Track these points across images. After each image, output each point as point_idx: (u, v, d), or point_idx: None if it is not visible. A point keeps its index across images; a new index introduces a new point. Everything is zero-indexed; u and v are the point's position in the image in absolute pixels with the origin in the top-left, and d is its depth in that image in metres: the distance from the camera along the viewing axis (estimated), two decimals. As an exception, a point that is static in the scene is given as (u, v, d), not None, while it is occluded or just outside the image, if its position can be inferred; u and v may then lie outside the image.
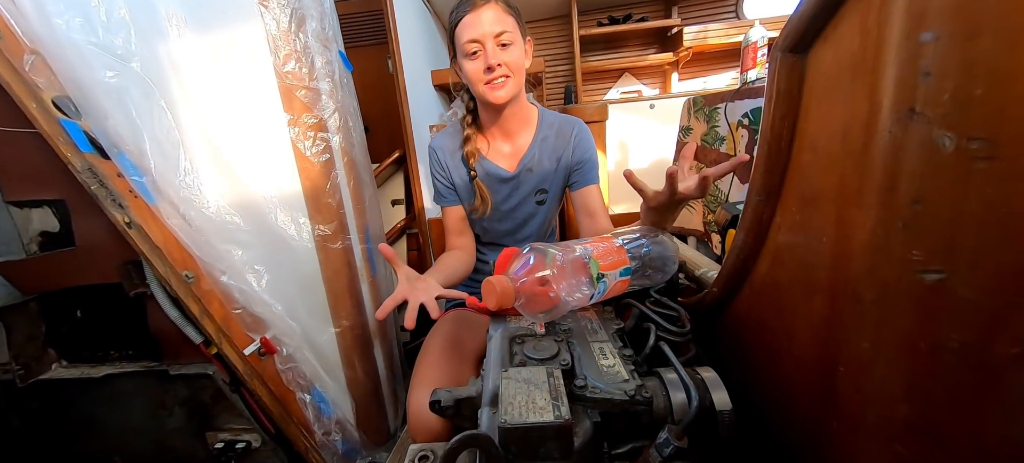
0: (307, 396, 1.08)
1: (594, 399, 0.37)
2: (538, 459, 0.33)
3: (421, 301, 0.58)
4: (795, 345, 0.42)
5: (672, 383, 0.39)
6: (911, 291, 0.29)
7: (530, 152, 0.91)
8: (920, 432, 0.31)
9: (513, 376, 0.38)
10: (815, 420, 0.39)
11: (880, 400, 0.32)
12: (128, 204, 0.94)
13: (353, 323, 1.09)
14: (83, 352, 1.26)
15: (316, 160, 0.98)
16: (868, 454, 0.34)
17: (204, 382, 1.23)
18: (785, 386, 0.44)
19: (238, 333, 1.03)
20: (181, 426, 1.29)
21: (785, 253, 0.43)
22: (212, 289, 1.01)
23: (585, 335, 0.47)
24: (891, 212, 0.29)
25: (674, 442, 0.34)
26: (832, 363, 0.36)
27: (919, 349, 0.30)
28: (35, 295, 1.21)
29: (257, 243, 1.00)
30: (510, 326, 0.50)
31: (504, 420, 0.32)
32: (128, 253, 1.07)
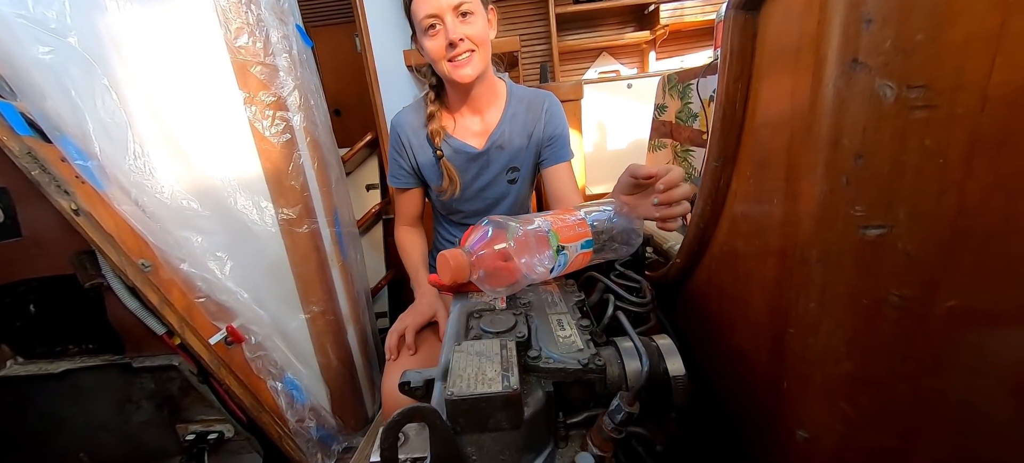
0: (279, 384, 1.06)
1: (547, 369, 0.36)
2: (487, 430, 0.32)
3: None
4: (750, 310, 0.42)
5: (627, 351, 0.39)
6: (854, 248, 0.29)
7: (499, 128, 0.88)
8: (863, 388, 0.31)
9: (465, 349, 0.37)
10: (768, 383, 0.40)
11: (826, 359, 0.33)
12: (74, 190, 0.89)
13: (324, 309, 1.06)
14: (39, 348, 1.20)
15: (276, 140, 0.94)
16: (816, 412, 0.34)
17: (171, 374, 1.19)
18: (742, 352, 0.45)
19: (202, 322, 1.00)
20: (149, 419, 1.25)
21: (741, 219, 0.43)
22: (172, 278, 0.97)
23: (545, 308, 0.46)
24: (835, 169, 0.29)
25: (625, 408, 0.33)
26: (783, 326, 0.37)
27: (861, 306, 0.30)
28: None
29: (217, 229, 0.96)
30: (470, 301, 0.48)
31: (451, 392, 0.32)
32: (80, 242, 1.01)
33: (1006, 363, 0.28)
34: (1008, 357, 0.28)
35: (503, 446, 0.32)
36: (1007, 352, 0.27)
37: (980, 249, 0.26)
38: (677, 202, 0.54)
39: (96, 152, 0.86)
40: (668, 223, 0.56)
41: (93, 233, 0.91)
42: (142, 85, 0.87)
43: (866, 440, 0.32)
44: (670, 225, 0.56)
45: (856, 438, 0.32)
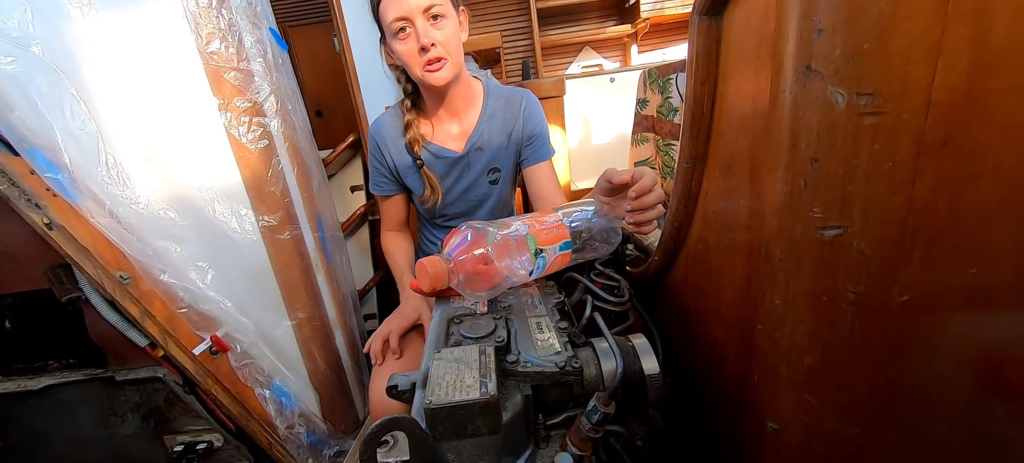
0: (267, 391, 1.05)
1: (525, 373, 0.37)
2: (467, 436, 0.33)
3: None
4: (723, 306, 0.44)
5: (604, 352, 0.40)
6: (813, 247, 0.30)
7: (478, 130, 0.88)
8: (824, 381, 0.33)
9: (445, 356, 0.37)
10: (740, 376, 0.41)
11: (790, 353, 0.34)
12: (46, 203, 0.87)
13: (310, 314, 1.06)
14: (17, 365, 1.17)
15: (253, 147, 0.92)
16: (783, 404, 0.36)
17: (156, 386, 1.17)
18: (716, 346, 0.46)
19: (185, 333, 0.98)
20: (136, 432, 1.24)
21: (712, 217, 0.44)
22: (152, 289, 0.95)
23: (524, 311, 0.47)
24: (794, 172, 0.30)
25: (601, 408, 0.34)
26: (752, 321, 0.38)
27: (821, 302, 0.31)
28: (-50, 308, 1.10)
29: (197, 238, 0.94)
30: (450, 306, 0.49)
31: (429, 401, 0.32)
32: (54, 256, 0.99)
33: (957, 354, 0.29)
34: (959, 348, 0.29)
35: (482, 451, 0.33)
36: (957, 343, 0.29)
37: (929, 245, 0.28)
38: (650, 207, 0.55)
39: (66, 163, 0.84)
40: (642, 227, 0.57)
41: (68, 247, 0.89)
42: (112, 94, 0.85)
43: (829, 430, 0.34)
44: (644, 229, 0.57)
45: (820, 428, 0.34)
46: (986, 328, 0.28)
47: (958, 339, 0.30)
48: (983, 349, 0.29)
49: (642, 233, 0.58)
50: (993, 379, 0.30)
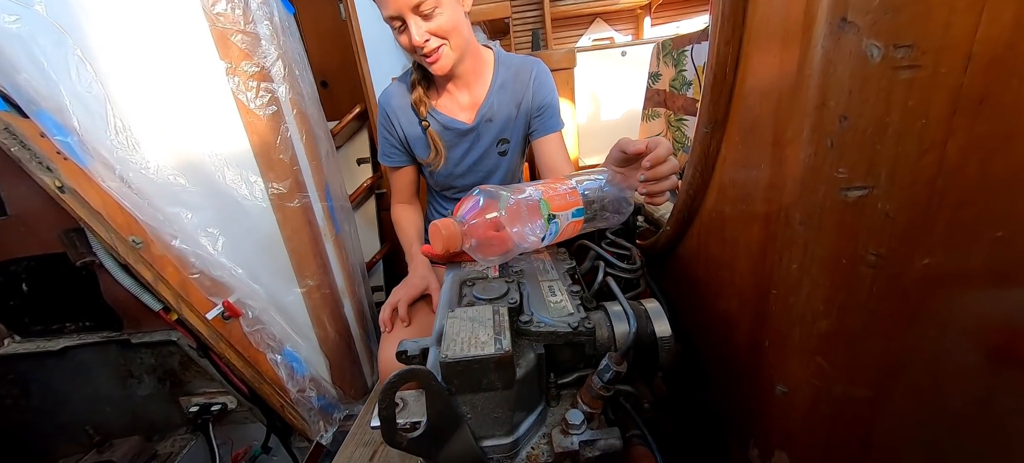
0: (278, 356, 1.08)
1: (539, 332, 0.37)
2: (481, 390, 0.33)
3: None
4: (736, 274, 0.43)
5: (616, 315, 0.40)
6: (836, 209, 0.30)
7: (488, 101, 0.87)
8: (838, 345, 0.33)
9: (459, 315, 0.38)
10: (751, 343, 0.41)
11: (805, 318, 0.34)
12: (57, 166, 0.87)
13: (319, 282, 1.07)
14: (35, 326, 1.21)
15: (262, 113, 0.91)
16: (794, 368, 0.36)
17: (170, 349, 1.20)
18: (727, 315, 0.46)
19: (198, 298, 1.00)
20: (152, 393, 1.28)
21: (729, 186, 0.43)
22: (164, 254, 0.97)
23: (536, 276, 0.47)
24: (820, 131, 0.29)
25: (614, 367, 0.35)
26: (766, 288, 0.38)
27: (840, 266, 0.31)
28: (-31, 270, 1.13)
29: (207, 205, 0.95)
30: (463, 270, 0.49)
31: (445, 355, 0.33)
32: (68, 221, 1.00)
33: (974, 322, 0.29)
34: (976, 315, 0.29)
35: (496, 405, 0.33)
36: (975, 310, 0.29)
37: (955, 209, 0.27)
38: (664, 177, 0.54)
39: (75, 126, 0.84)
40: (655, 199, 0.56)
41: (80, 210, 0.90)
42: (118, 56, 0.84)
43: (839, 393, 0.34)
44: (657, 200, 0.56)
45: (830, 391, 0.34)
46: (1005, 298, 0.28)
47: (976, 306, 0.30)
48: (1001, 319, 0.29)
49: (655, 203, 0.57)
50: (1008, 350, 0.30)
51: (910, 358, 0.31)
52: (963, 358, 0.32)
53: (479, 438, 0.33)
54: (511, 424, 0.34)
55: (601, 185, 0.58)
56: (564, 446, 0.34)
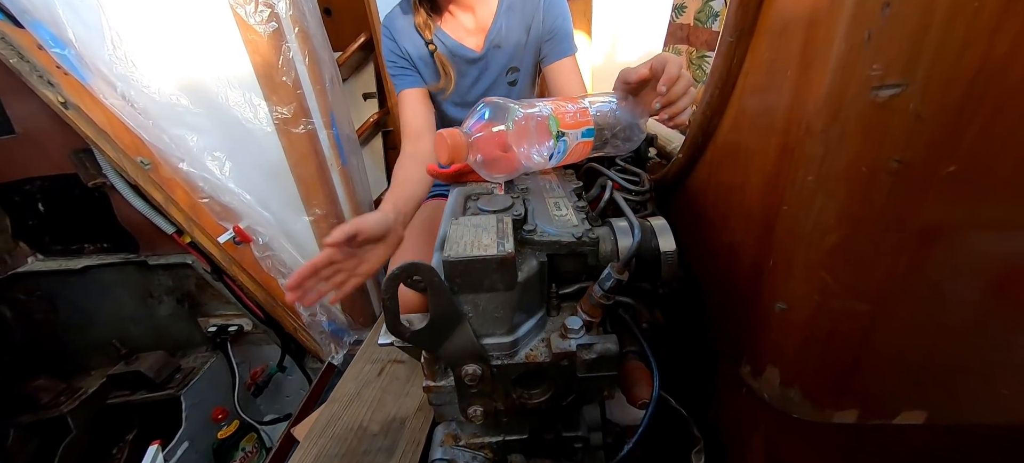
0: (289, 282, 1.11)
1: (542, 242, 0.37)
2: (483, 290, 0.34)
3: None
4: (747, 196, 0.42)
5: (621, 230, 0.40)
6: (864, 111, 0.28)
7: (496, 25, 0.82)
8: (845, 259, 0.32)
9: (462, 222, 0.38)
10: (755, 263, 0.41)
11: (814, 233, 0.33)
12: (58, 81, 0.86)
13: (327, 212, 1.08)
14: (56, 246, 1.25)
15: (262, 30, 0.88)
16: (797, 284, 0.36)
17: (186, 272, 1.25)
18: (732, 240, 0.46)
19: (209, 222, 1.02)
20: (173, 313, 1.35)
21: (750, 100, 0.41)
22: (173, 177, 0.97)
23: (542, 193, 0.47)
24: (859, 23, 0.27)
25: (615, 275, 0.35)
26: (776, 207, 0.37)
27: (859, 175, 0.30)
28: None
29: (211, 128, 0.94)
30: (469, 186, 0.49)
31: (448, 255, 0.33)
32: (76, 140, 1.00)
33: (985, 244, 0.29)
34: (988, 237, 0.28)
35: (497, 305, 0.34)
36: (988, 232, 0.28)
37: (991, 115, 0.25)
38: (682, 95, 0.51)
39: (71, 39, 0.82)
40: (679, 119, 0.53)
41: (86, 128, 0.89)
42: (109, -40, 0.79)
43: (840, 308, 0.34)
44: (681, 120, 0.54)
45: (830, 307, 0.34)
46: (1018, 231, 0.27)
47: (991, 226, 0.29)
48: (1008, 253, 0.28)
49: (680, 124, 0.55)
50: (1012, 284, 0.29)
51: (916, 275, 0.31)
52: (969, 279, 0.31)
53: (480, 335, 0.35)
54: (511, 324, 0.35)
55: (612, 109, 0.55)
56: (562, 348, 0.35)
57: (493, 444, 0.43)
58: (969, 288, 0.32)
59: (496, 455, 0.43)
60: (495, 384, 0.36)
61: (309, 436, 0.72)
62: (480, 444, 0.43)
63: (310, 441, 0.71)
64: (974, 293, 0.32)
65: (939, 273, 0.31)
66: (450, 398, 0.39)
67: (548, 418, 0.42)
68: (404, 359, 0.84)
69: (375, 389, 0.79)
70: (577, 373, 0.36)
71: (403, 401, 0.76)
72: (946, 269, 0.31)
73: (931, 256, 0.30)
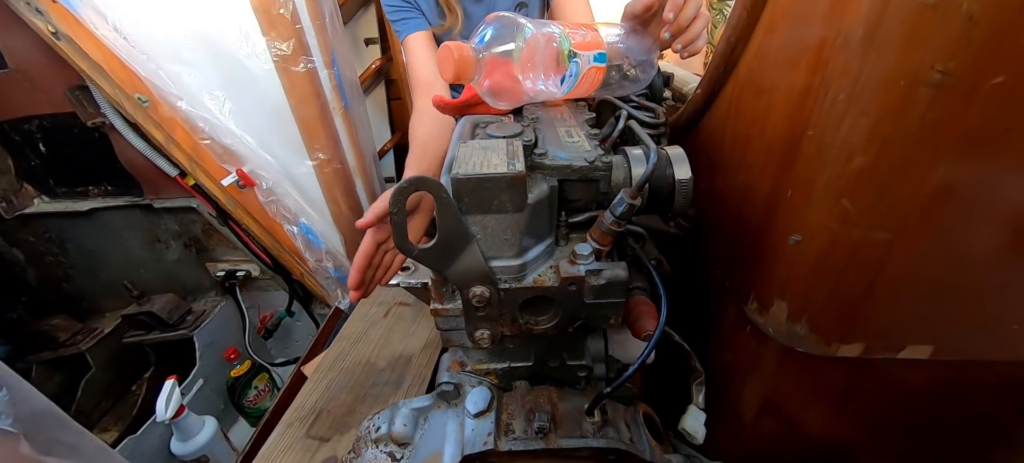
0: (295, 228, 1.12)
1: (553, 166, 0.36)
2: (491, 212, 0.33)
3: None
4: (767, 127, 0.40)
5: (635, 158, 0.38)
6: (910, 14, 0.26)
7: None
8: (869, 183, 0.31)
9: (471, 145, 0.36)
10: (770, 198, 0.40)
11: (839, 156, 0.32)
12: (47, 9, 0.82)
13: (330, 156, 1.06)
14: (60, 188, 1.25)
15: (256, -47, 0.82)
16: (814, 213, 0.35)
17: (191, 216, 1.25)
18: (748, 175, 0.44)
19: (211, 164, 1.01)
20: (181, 258, 1.37)
21: (780, 19, 0.38)
22: (172, 116, 0.95)
23: (554, 122, 0.45)
24: (914, -92, 0.24)
25: (627, 200, 0.34)
26: (801, 131, 0.35)
27: (895, 89, 0.28)
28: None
29: (209, 65, 0.91)
30: (476, 116, 0.47)
31: (456, 173, 0.32)
32: (72, 76, 0.98)
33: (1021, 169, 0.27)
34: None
35: (506, 227, 0.33)
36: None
37: (1054, 15, 0.23)
38: (693, 18, 0.48)
39: (57, -39, 0.77)
40: (692, 46, 0.50)
41: (80, 62, 0.87)
42: None
43: (856, 237, 0.33)
44: (695, 48, 0.51)
45: (847, 235, 0.33)
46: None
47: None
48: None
49: (694, 52, 0.52)
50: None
51: (943, 199, 0.30)
52: (999, 204, 0.30)
53: (488, 258, 0.34)
54: (520, 248, 0.34)
55: (620, 38, 0.52)
56: (570, 273, 0.35)
57: (498, 370, 0.44)
58: (997, 215, 0.30)
59: (501, 381, 0.44)
60: (502, 308, 0.36)
61: (318, 370, 0.74)
62: (486, 370, 0.44)
63: (319, 375, 0.73)
64: (1001, 220, 0.31)
65: (969, 197, 0.29)
66: (457, 323, 0.39)
67: (554, 346, 0.42)
68: (410, 302, 0.86)
69: (381, 329, 0.80)
70: (584, 299, 0.36)
71: (409, 340, 0.77)
72: (977, 193, 0.29)
73: (962, 179, 0.29)
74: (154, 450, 1.14)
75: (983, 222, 0.31)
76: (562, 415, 0.39)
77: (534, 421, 0.37)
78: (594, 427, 0.37)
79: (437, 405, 0.44)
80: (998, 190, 0.29)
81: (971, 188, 0.29)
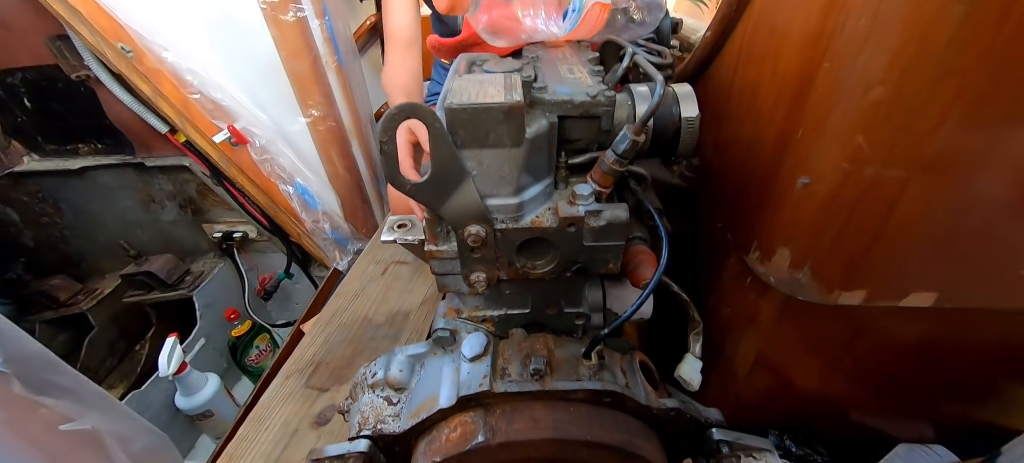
0: (290, 188, 1.10)
1: (553, 101, 0.34)
2: (488, 146, 0.32)
3: None
4: (781, 64, 0.38)
5: (640, 95, 0.36)
6: (945, -79, 0.23)
7: None
8: (887, 116, 0.29)
9: (467, 78, 0.34)
10: (779, 140, 0.38)
11: (857, 87, 0.30)
12: (16, -54, 0.77)
13: (324, 114, 1.03)
14: (50, 146, 1.22)
15: None
16: (827, 153, 0.33)
17: (185, 176, 1.23)
18: (758, 120, 0.42)
19: (202, 120, 0.98)
20: (177, 219, 1.35)
21: (799, -55, 0.35)
22: (159, 68, 0.92)
23: (556, 61, 0.42)
24: None
25: (631, 136, 0.32)
26: (816, 66, 0.33)
27: (922, 13, 0.26)
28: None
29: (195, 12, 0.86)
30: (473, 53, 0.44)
31: (450, 103, 0.30)
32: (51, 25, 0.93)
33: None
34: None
35: (503, 162, 0.32)
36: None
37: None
38: None
39: None
40: None
41: (57, 6, 0.82)
42: None
43: (869, 175, 0.32)
44: None
45: (859, 174, 0.32)
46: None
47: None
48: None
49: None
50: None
51: (964, 133, 0.28)
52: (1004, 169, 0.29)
53: (484, 196, 0.33)
54: (517, 185, 0.33)
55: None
56: (569, 213, 0.34)
57: (495, 318, 0.43)
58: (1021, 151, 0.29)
59: (497, 328, 0.44)
60: (499, 250, 0.35)
61: (316, 325, 0.74)
62: (482, 317, 0.43)
63: (317, 329, 0.73)
64: (1005, 186, 0.29)
65: (992, 131, 0.28)
66: (453, 266, 0.38)
67: (551, 292, 0.42)
68: (407, 260, 0.85)
69: (379, 286, 0.80)
70: (583, 241, 0.35)
71: (406, 297, 0.77)
72: (1001, 127, 0.28)
73: (987, 111, 0.27)
74: (159, 405, 1.17)
75: (1004, 160, 0.29)
76: (558, 360, 0.38)
77: (530, 364, 0.37)
78: (590, 370, 0.37)
79: (433, 351, 0.43)
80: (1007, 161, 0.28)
81: (996, 121, 0.28)
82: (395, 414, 0.41)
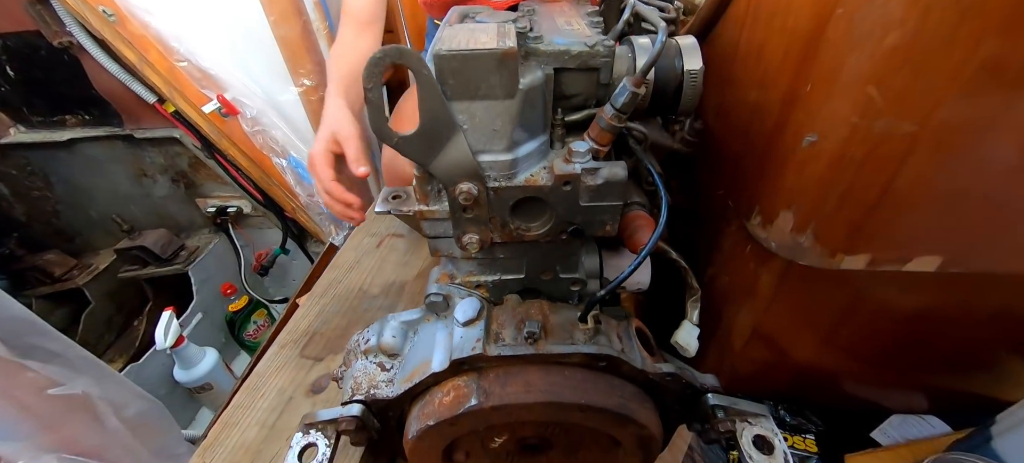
0: (284, 161, 1.08)
1: (549, 52, 0.33)
2: (479, 97, 0.30)
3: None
4: (790, 18, 0.36)
5: (641, 47, 0.34)
6: None
7: None
8: (901, 63, 0.28)
9: (458, 27, 0.33)
10: (787, 96, 0.37)
11: (873, 33, 0.28)
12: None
13: (317, 83, 1.00)
14: (36, 117, 1.19)
15: None
16: (836, 106, 0.32)
17: (176, 149, 1.21)
18: (764, 76, 0.40)
19: (190, 89, 0.95)
20: (169, 194, 1.33)
21: None
22: (143, 34, 0.88)
23: (554, 15, 0.40)
24: None
25: (630, 88, 0.30)
26: (828, 13, 0.31)
27: (949, -58, 0.24)
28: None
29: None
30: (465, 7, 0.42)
31: (439, 49, 0.28)
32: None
33: None
34: None
35: (496, 115, 0.30)
36: None
37: None
38: None
39: None
40: None
41: (33, -35, 0.78)
42: None
43: (879, 129, 0.30)
44: None
45: (869, 129, 0.31)
46: None
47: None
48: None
49: None
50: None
51: (985, 81, 0.27)
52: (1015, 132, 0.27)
53: (476, 151, 0.31)
54: (511, 141, 0.32)
55: None
56: (565, 171, 0.32)
57: (489, 283, 0.42)
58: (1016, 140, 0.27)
59: (492, 294, 0.43)
60: (492, 210, 0.34)
61: (311, 297, 0.74)
62: (476, 283, 0.42)
63: (312, 301, 0.73)
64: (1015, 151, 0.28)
65: (1012, 81, 0.26)
66: (444, 228, 0.37)
67: (546, 257, 0.41)
68: (403, 232, 0.84)
69: (374, 258, 0.79)
70: (580, 201, 0.34)
71: (402, 269, 0.76)
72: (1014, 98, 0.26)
73: (1009, 58, 0.26)
74: (157, 378, 1.17)
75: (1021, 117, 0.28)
76: (553, 325, 0.38)
77: (524, 328, 0.36)
78: (585, 335, 0.36)
79: (426, 317, 0.43)
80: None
81: (1017, 70, 0.26)
82: (388, 380, 0.40)
